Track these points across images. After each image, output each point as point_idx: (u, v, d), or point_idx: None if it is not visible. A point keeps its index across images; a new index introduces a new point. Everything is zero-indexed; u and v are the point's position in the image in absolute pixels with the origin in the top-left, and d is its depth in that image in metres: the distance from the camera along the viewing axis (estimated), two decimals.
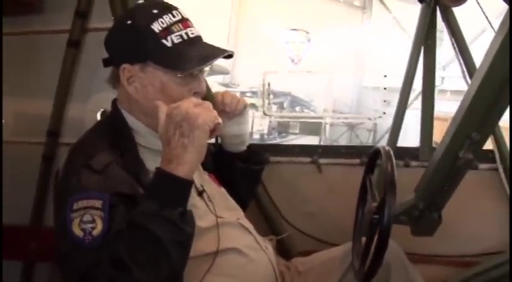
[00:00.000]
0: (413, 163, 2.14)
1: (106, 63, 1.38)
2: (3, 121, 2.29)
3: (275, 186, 2.21)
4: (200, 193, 1.43)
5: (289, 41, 10.87)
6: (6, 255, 2.25)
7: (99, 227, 1.13)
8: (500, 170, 2.07)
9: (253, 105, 10.21)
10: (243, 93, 11.06)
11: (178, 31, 1.29)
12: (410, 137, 2.86)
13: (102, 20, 2.12)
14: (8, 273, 2.31)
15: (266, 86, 8.16)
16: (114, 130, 1.34)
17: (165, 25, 1.28)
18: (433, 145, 2.14)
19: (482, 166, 2.08)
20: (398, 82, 2.25)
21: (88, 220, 1.13)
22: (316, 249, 1.80)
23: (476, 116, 1.47)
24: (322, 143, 9.75)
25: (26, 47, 2.24)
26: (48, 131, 2.21)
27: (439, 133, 1.91)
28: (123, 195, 1.20)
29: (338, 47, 10.56)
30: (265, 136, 10.45)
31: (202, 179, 1.49)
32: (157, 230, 1.10)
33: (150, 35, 1.27)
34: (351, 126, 11.05)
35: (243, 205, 1.62)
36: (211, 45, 1.34)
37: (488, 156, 2.09)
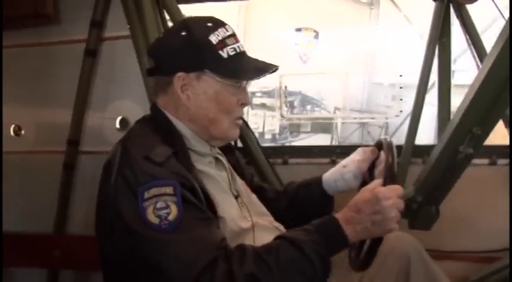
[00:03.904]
0: None
1: (150, 72, 1.41)
2: (23, 132, 2.33)
3: None
4: (235, 197, 1.45)
5: (298, 43, 10.85)
6: (31, 263, 2.29)
7: (174, 211, 1.17)
8: None
9: (264, 106, 10.19)
10: (253, 93, 11.04)
11: (232, 44, 1.35)
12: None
13: (117, 28, 2.15)
14: (33, 281, 2.35)
15: (283, 89, 8.00)
16: (162, 130, 1.36)
17: (220, 38, 1.34)
18: None
19: (500, 162, 2.07)
20: (409, 79, 2.23)
21: (162, 206, 1.17)
22: None
23: (479, 110, 1.46)
24: (334, 141, 9.71)
25: (44, 58, 2.27)
26: (68, 140, 2.24)
27: None
28: (186, 186, 1.23)
29: (347, 43, 10.52)
30: (277, 136, 10.43)
31: (236, 184, 1.50)
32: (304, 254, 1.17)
33: (208, 45, 1.33)
34: (362, 123, 11.01)
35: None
36: (260, 60, 1.41)
37: (506, 152, 2.08)
